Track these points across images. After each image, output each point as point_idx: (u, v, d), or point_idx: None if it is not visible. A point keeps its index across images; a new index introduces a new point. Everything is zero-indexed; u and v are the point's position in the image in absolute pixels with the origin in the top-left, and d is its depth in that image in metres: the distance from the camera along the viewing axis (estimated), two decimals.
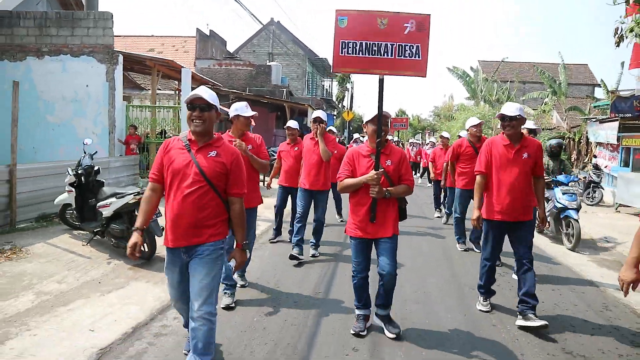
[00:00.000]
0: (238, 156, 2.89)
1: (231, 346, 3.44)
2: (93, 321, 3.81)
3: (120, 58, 9.84)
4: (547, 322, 3.79)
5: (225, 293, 4.18)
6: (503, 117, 3.98)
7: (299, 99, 26.36)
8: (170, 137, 11.39)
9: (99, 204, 5.74)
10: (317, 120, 5.71)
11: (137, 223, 2.84)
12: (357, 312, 3.81)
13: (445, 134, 10.33)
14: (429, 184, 10.86)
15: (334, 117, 38.06)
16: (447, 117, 37.06)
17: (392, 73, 3.54)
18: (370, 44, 3.51)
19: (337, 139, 13.53)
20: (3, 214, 6.30)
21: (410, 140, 21.25)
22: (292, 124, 6.26)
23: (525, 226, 4.05)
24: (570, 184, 7.10)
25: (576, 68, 41.48)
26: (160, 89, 18.86)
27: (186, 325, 3.12)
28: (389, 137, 8.63)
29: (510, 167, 3.99)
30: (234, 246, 2.93)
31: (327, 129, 6.20)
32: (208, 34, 30.18)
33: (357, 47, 3.51)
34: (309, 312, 4.17)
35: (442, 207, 9.58)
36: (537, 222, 4.44)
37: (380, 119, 3.50)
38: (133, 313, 4.01)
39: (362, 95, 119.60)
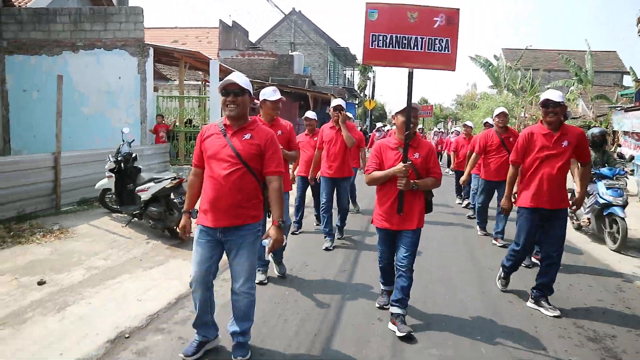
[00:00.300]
0: (272, 136, 2.97)
1: (266, 316, 3.78)
2: (139, 292, 4.21)
3: (151, 51, 10.25)
4: (559, 313, 3.93)
5: (258, 270, 4.42)
6: (547, 103, 3.88)
7: (321, 88, 26.58)
8: (198, 125, 11.86)
9: (137, 189, 6.16)
10: (338, 108, 5.77)
11: (186, 206, 3.07)
12: (383, 287, 4.03)
13: (469, 123, 10.17)
14: (450, 172, 10.81)
15: (356, 105, 38.15)
16: (470, 105, 36.73)
17: (422, 66, 3.56)
18: (400, 37, 3.52)
19: (359, 128, 13.65)
20: (49, 198, 6.80)
21: (434, 130, 21.26)
22: (310, 114, 6.42)
23: (561, 214, 4.03)
24: (615, 178, 6.40)
25: (604, 55, 40.54)
26: (185, 80, 19.31)
27: (197, 325, 3.09)
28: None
29: (549, 155, 3.95)
30: (271, 224, 2.92)
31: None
32: (231, 25, 30.55)
33: (387, 40, 3.53)
34: (336, 288, 4.50)
35: (462, 194, 9.68)
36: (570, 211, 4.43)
37: (410, 111, 3.50)
38: (174, 286, 4.38)
39: (384, 84, 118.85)
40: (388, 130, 12.85)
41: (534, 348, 3.37)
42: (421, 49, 3.52)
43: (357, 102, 39.29)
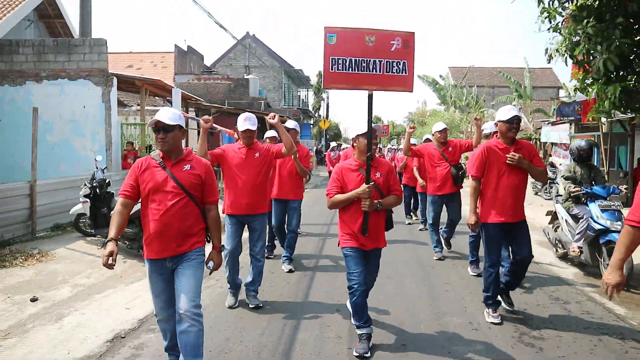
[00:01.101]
0: (209, 166, 3.16)
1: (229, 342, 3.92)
2: (126, 302, 4.73)
3: (115, 80, 10.70)
4: (501, 321, 4.12)
5: (229, 292, 4.64)
6: (513, 119, 4.04)
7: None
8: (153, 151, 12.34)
9: (112, 212, 6.62)
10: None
11: (112, 234, 2.93)
12: (359, 331, 3.63)
13: (413, 140, 10.60)
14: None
15: (311, 125, 39.15)
16: (420, 122, 38.48)
17: (381, 89, 3.62)
18: (359, 60, 3.57)
19: (314, 148, 14.36)
20: (25, 224, 7.15)
21: (388, 147, 22.24)
22: (272, 133, 6.24)
23: (524, 224, 4.18)
24: (609, 198, 5.51)
25: (541, 72, 43.44)
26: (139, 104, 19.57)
27: (168, 349, 3.24)
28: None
29: (508, 169, 4.06)
30: (212, 249, 3.13)
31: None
32: (186, 50, 30.99)
33: (347, 64, 3.56)
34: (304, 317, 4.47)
35: (412, 213, 9.65)
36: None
37: (371, 133, 3.58)
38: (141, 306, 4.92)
39: (338, 104, 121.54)
40: (343, 149, 13.39)
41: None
42: (380, 71, 3.59)
43: (312, 122, 40.33)
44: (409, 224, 9.34)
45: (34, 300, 4.74)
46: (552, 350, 3.62)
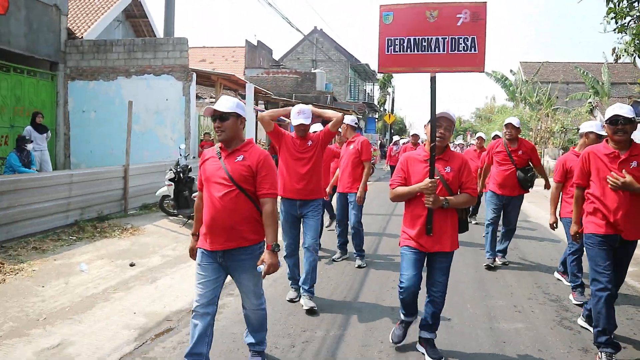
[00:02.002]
0: (265, 157, 2.94)
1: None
2: None
3: (194, 75, 11.67)
4: None
5: (292, 287, 4.67)
6: (616, 120, 3.33)
7: (342, 104, 27.89)
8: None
9: (193, 194, 7.46)
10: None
11: (194, 229, 3.13)
12: (404, 318, 3.55)
13: (481, 134, 9.57)
14: None
15: (376, 120, 39.41)
16: (487, 118, 37.57)
17: (446, 70, 3.23)
18: (419, 39, 3.22)
19: (378, 141, 14.52)
20: (119, 203, 8.18)
21: (453, 142, 21.85)
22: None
23: (630, 247, 3.51)
24: None
25: (623, 67, 40.96)
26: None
27: (189, 355, 2.89)
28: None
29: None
30: (265, 248, 2.89)
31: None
32: (256, 44, 32.22)
33: (405, 44, 3.23)
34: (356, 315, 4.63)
35: (476, 215, 9.13)
36: None
37: (434, 120, 3.22)
38: None
39: (403, 98, 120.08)
40: (404, 144, 13.11)
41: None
42: (444, 50, 3.20)
43: (377, 116, 40.54)
44: (475, 223, 8.86)
45: (132, 265, 5.60)
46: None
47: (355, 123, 6.17)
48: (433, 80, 3.29)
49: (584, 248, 3.70)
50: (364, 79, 40.64)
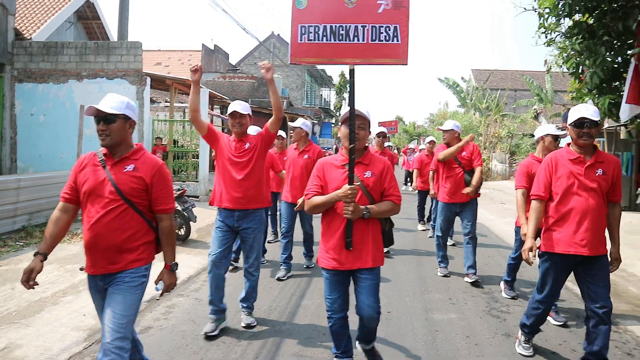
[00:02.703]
0: (160, 168, 2.59)
1: None
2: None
3: (148, 80, 11.62)
4: (532, 354, 3.56)
5: (211, 315, 3.90)
6: (582, 123, 3.13)
7: (299, 109, 28.20)
8: (183, 145, 13.21)
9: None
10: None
11: (41, 247, 2.54)
12: (335, 356, 3.11)
13: (432, 138, 9.44)
14: (412, 190, 10.13)
15: (332, 125, 39.90)
16: (440, 123, 38.81)
17: (366, 62, 2.90)
18: (336, 27, 2.89)
19: (334, 147, 14.76)
20: None
21: (410, 146, 22.17)
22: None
23: (602, 261, 3.20)
24: None
25: (566, 75, 43.18)
26: (167, 101, 20.64)
27: None
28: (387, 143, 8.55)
29: (580, 186, 3.16)
30: (164, 267, 2.65)
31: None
32: (212, 49, 32.08)
33: (321, 32, 2.89)
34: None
35: (425, 219, 9.19)
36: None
37: (353, 119, 2.84)
38: (184, 271, 5.73)
39: (360, 103, 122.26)
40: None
41: None
42: (363, 40, 2.88)
43: (333, 121, 41.06)
44: (422, 230, 8.97)
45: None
46: (515, 321, 4.29)
47: (310, 128, 5.78)
48: (352, 73, 2.94)
49: (539, 263, 3.40)
50: (320, 84, 41.11)
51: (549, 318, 4.36)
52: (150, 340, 3.75)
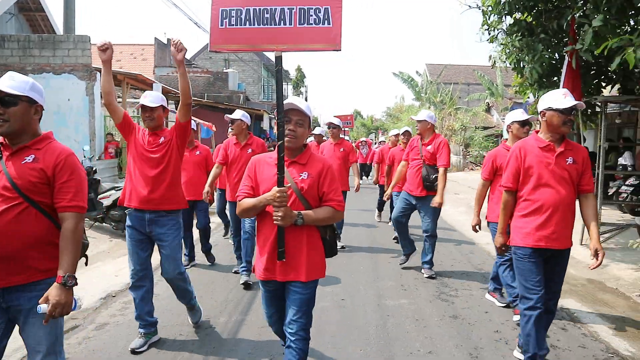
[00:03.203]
0: (67, 157, 2.19)
1: None
2: (115, 271, 5.53)
3: (98, 75, 11.31)
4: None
5: (140, 330, 3.61)
6: (571, 110, 2.99)
7: (256, 104, 28.06)
8: None
9: (99, 196, 7.38)
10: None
11: None
12: None
13: (407, 129, 8.15)
14: (373, 185, 10.15)
15: None
16: (396, 117, 39.56)
17: (293, 48, 2.61)
18: (260, 10, 2.61)
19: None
20: None
21: (362, 139, 22.23)
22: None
23: (566, 255, 3.17)
24: None
25: (509, 70, 44.66)
26: (119, 97, 20.15)
27: None
28: (344, 137, 8.78)
29: (551, 176, 3.03)
30: (55, 280, 2.07)
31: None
32: (166, 42, 31.35)
33: (243, 16, 2.61)
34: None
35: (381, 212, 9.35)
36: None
37: (282, 112, 2.50)
38: None
39: (317, 97, 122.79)
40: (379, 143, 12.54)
41: None
42: (290, 24, 2.59)
43: None
44: (379, 221, 9.22)
45: None
46: (462, 303, 4.56)
47: (249, 120, 5.36)
48: (279, 60, 2.60)
49: (513, 260, 3.24)
50: None
51: (492, 299, 4.62)
52: (106, 337, 3.76)
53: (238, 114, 5.21)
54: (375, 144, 23.22)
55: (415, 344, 3.67)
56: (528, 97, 8.65)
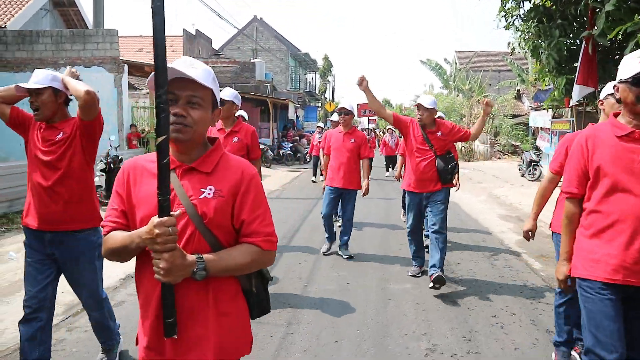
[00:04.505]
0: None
1: None
2: None
3: (126, 67, 11.73)
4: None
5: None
6: (634, 80, 1.99)
7: (283, 93, 28.32)
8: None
9: None
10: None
11: None
12: None
13: (441, 114, 7.31)
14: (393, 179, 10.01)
15: (318, 108, 40.07)
16: None
17: None
18: None
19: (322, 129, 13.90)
20: None
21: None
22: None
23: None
24: None
25: (528, 56, 43.38)
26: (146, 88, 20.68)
27: None
28: (358, 127, 8.23)
29: (635, 178, 2.03)
30: None
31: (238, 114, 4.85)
32: (194, 34, 31.88)
33: None
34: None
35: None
36: None
37: (162, 82, 1.35)
38: None
39: (344, 86, 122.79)
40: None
41: None
42: None
43: (319, 104, 41.20)
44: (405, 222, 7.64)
45: None
46: (464, 290, 4.64)
47: (240, 102, 4.47)
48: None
49: (579, 297, 2.22)
50: (304, 67, 41.11)
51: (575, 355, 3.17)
52: (123, 314, 4.05)
53: (229, 93, 4.24)
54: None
55: (411, 325, 3.80)
56: (547, 84, 8.52)
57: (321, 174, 7.31)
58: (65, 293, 4.45)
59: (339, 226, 6.18)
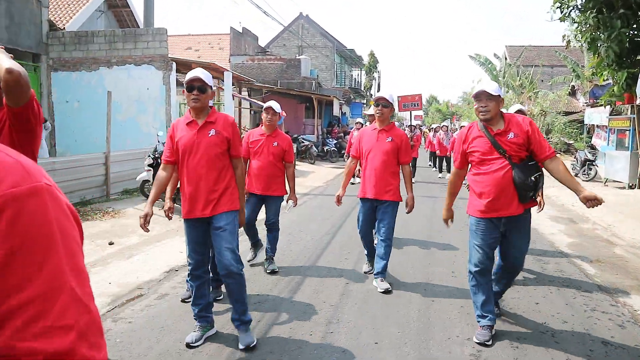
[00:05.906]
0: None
1: None
2: (180, 248, 5.94)
3: (174, 65, 12.02)
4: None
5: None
6: None
7: (328, 90, 28.27)
8: None
9: None
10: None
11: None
12: None
13: (464, 123, 7.97)
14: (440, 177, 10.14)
15: (364, 105, 39.84)
16: (471, 102, 38.06)
17: None
18: None
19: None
20: (101, 188, 8.65)
21: (434, 126, 19.55)
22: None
23: None
24: None
25: (584, 50, 41.24)
26: None
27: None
28: (396, 122, 8.11)
29: None
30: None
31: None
32: (241, 31, 32.37)
33: None
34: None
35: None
36: None
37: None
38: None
39: (389, 83, 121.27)
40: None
41: None
42: None
43: (364, 101, 40.91)
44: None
45: (111, 244, 6.07)
46: (511, 294, 4.45)
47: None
48: None
49: None
50: (350, 64, 40.90)
51: None
52: (165, 306, 4.11)
53: (199, 73, 3.29)
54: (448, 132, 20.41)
55: (455, 329, 3.66)
56: (605, 79, 8.06)
57: (358, 176, 6.86)
58: (112, 285, 4.61)
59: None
